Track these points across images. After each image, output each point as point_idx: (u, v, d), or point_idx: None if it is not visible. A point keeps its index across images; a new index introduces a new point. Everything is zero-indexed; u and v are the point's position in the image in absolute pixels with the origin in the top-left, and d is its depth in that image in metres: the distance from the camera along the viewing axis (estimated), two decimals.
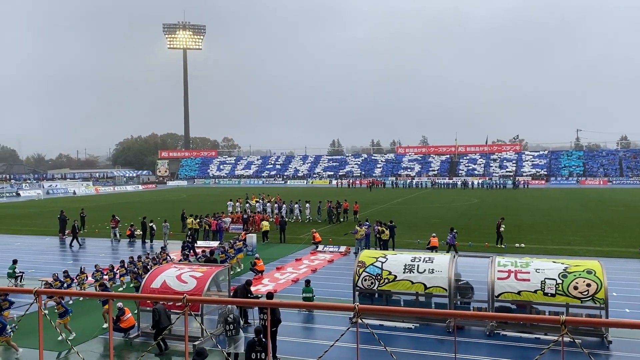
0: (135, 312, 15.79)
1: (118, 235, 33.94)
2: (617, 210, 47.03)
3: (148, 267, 20.39)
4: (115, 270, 21.33)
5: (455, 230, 26.85)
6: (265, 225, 32.16)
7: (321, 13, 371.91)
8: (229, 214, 39.64)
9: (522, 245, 28.55)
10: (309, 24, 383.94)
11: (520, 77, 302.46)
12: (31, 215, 50.96)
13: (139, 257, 22.56)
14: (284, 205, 41.78)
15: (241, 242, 26.07)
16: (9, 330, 14.03)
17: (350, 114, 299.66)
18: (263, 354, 11.82)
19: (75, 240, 31.98)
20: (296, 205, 42.21)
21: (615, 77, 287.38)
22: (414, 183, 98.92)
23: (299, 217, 41.58)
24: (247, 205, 45.24)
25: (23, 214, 52.44)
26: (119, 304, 15.40)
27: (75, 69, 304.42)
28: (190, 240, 27.46)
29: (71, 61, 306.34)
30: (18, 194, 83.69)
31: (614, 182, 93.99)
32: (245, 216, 36.85)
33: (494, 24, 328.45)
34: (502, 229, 28.69)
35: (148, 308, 15.47)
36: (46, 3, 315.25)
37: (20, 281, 21.66)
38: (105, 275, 20.50)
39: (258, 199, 47.77)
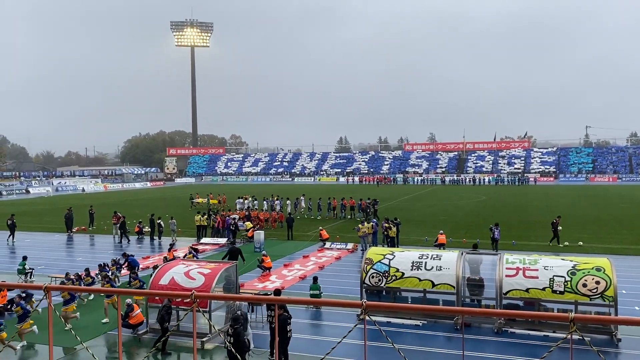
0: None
1: (119, 231, 34.06)
2: (626, 207, 46.66)
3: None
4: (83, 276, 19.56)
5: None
6: (249, 224, 32.11)
7: (327, 12, 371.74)
8: (236, 211, 39.73)
9: (581, 243, 27.71)
10: (316, 23, 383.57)
11: (528, 74, 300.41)
12: (40, 212, 51.35)
13: (104, 264, 20.78)
14: (301, 200, 42.88)
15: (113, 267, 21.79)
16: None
17: (358, 111, 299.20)
18: (291, 326, 13.02)
19: (124, 237, 32.18)
20: (277, 202, 43.08)
21: (624, 73, 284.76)
22: (427, 180, 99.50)
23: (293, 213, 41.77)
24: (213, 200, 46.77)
25: (32, 211, 52.85)
26: (128, 300, 15.49)
27: (84, 67, 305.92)
28: (234, 228, 30.45)
29: (79, 59, 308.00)
30: (27, 191, 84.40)
31: (624, 179, 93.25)
32: (247, 214, 36.86)
33: (501, 21, 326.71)
34: (560, 228, 28.04)
35: (156, 304, 15.56)
36: (54, 2, 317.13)
37: (30, 277, 21.82)
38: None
39: (204, 200, 50.57)
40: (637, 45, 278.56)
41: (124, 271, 21.98)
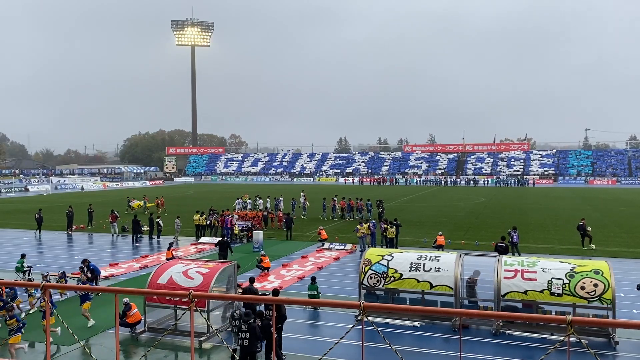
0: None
1: (117, 230, 34.00)
2: (625, 210, 46.68)
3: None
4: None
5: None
6: (235, 228, 31.99)
7: (327, 12, 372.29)
8: (234, 211, 39.68)
9: (593, 246, 27.30)
10: (316, 23, 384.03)
11: (528, 76, 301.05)
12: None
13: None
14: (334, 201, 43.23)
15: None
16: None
17: (358, 112, 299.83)
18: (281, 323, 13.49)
19: (136, 235, 32.08)
20: (260, 201, 44.78)
21: (624, 76, 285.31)
22: (431, 180, 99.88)
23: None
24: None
25: (32, 208, 52.69)
26: (125, 299, 15.47)
27: (84, 66, 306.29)
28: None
29: (80, 58, 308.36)
30: (27, 189, 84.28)
31: (623, 182, 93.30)
32: (265, 214, 36.77)
33: (501, 23, 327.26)
34: (589, 230, 27.69)
35: (155, 304, 15.54)
36: (54, 0, 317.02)
37: (28, 275, 21.78)
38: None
39: (140, 203, 48.58)
40: (637, 47, 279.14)
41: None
